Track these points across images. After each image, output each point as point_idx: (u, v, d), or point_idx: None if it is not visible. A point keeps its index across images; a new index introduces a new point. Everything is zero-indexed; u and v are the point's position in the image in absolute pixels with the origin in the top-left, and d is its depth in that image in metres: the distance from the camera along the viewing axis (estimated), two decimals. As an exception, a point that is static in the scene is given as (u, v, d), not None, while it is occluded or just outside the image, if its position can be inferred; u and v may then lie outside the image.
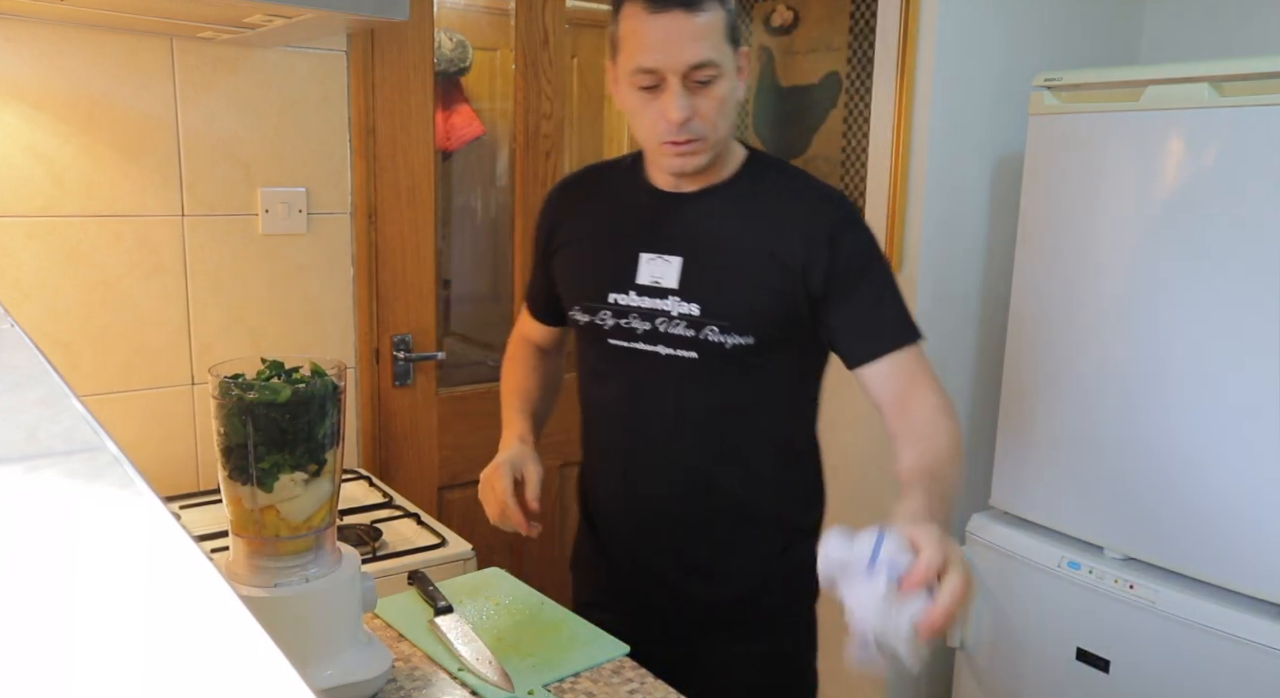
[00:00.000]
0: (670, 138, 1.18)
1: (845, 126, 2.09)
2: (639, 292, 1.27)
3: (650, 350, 1.27)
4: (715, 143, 1.20)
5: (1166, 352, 1.70)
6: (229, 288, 1.83)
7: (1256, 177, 1.57)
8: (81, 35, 1.63)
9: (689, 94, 1.15)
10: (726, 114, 1.19)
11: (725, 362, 1.24)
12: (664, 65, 1.14)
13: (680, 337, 1.25)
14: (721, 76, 1.16)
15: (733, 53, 1.18)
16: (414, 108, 2.02)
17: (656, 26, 1.13)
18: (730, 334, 1.22)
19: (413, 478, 2.13)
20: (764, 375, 1.27)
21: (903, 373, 1.21)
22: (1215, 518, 1.66)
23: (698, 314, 1.23)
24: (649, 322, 1.26)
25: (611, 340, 1.30)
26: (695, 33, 1.13)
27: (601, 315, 1.30)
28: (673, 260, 1.26)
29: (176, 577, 0.30)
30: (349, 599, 1.03)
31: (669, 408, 1.29)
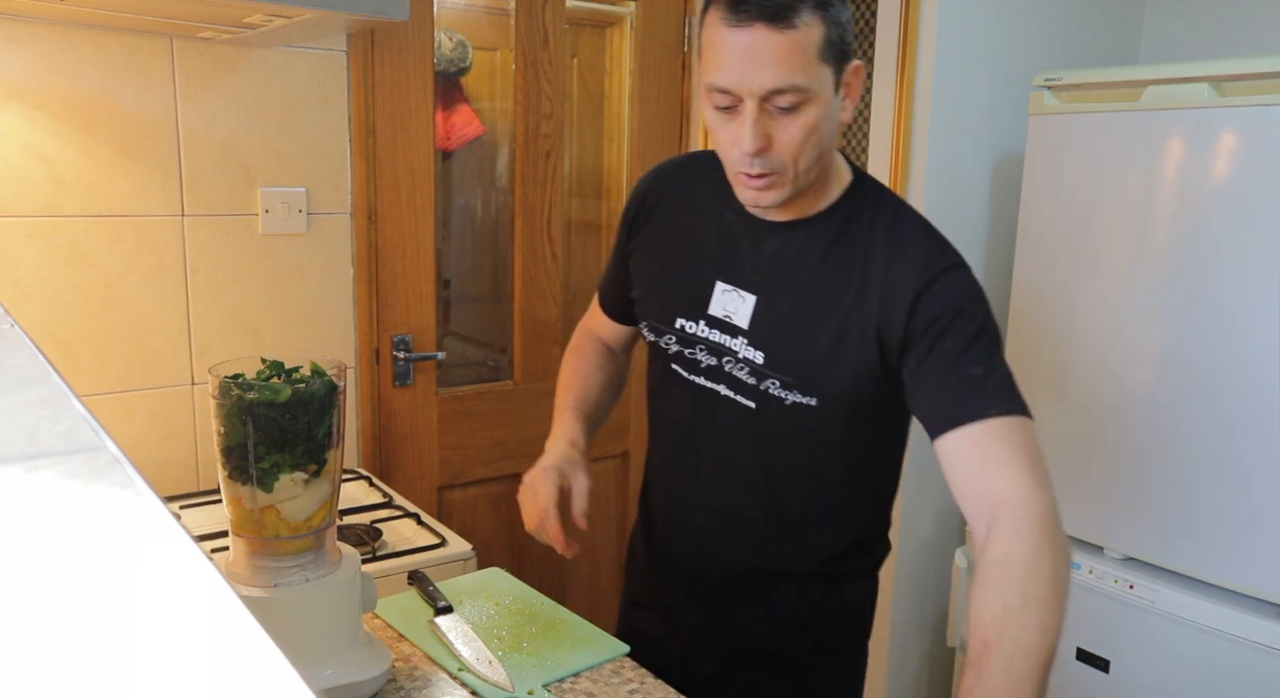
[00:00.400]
0: (743, 169, 1.04)
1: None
2: (709, 324, 1.16)
3: (711, 388, 1.17)
4: (797, 177, 1.04)
5: (1166, 351, 1.70)
6: (229, 288, 1.83)
7: (1256, 176, 1.57)
8: (81, 35, 1.63)
9: (768, 120, 1.00)
10: (814, 145, 1.02)
11: (782, 418, 1.12)
12: (738, 87, 0.99)
13: (742, 382, 1.14)
14: (810, 102, 0.99)
15: (832, 73, 1.00)
16: (414, 108, 2.02)
17: (735, 42, 0.97)
18: (792, 392, 1.10)
19: (413, 478, 2.13)
20: (829, 438, 1.13)
21: (984, 451, 0.99)
22: (1215, 518, 1.66)
23: (761, 363, 1.12)
24: (715, 358, 1.16)
25: (674, 367, 1.21)
26: (780, 52, 0.96)
27: (667, 340, 1.20)
28: (747, 298, 1.13)
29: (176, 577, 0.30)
30: (349, 599, 1.03)
31: (720, 450, 1.19)
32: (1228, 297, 1.62)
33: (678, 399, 1.22)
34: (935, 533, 2.18)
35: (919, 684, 2.25)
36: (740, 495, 1.20)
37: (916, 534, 2.15)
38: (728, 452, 1.19)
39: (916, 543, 2.15)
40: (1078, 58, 2.15)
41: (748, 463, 1.18)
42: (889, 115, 2.01)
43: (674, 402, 1.24)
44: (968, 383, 1.02)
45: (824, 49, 0.98)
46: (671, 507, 1.30)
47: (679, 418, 1.24)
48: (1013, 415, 1.00)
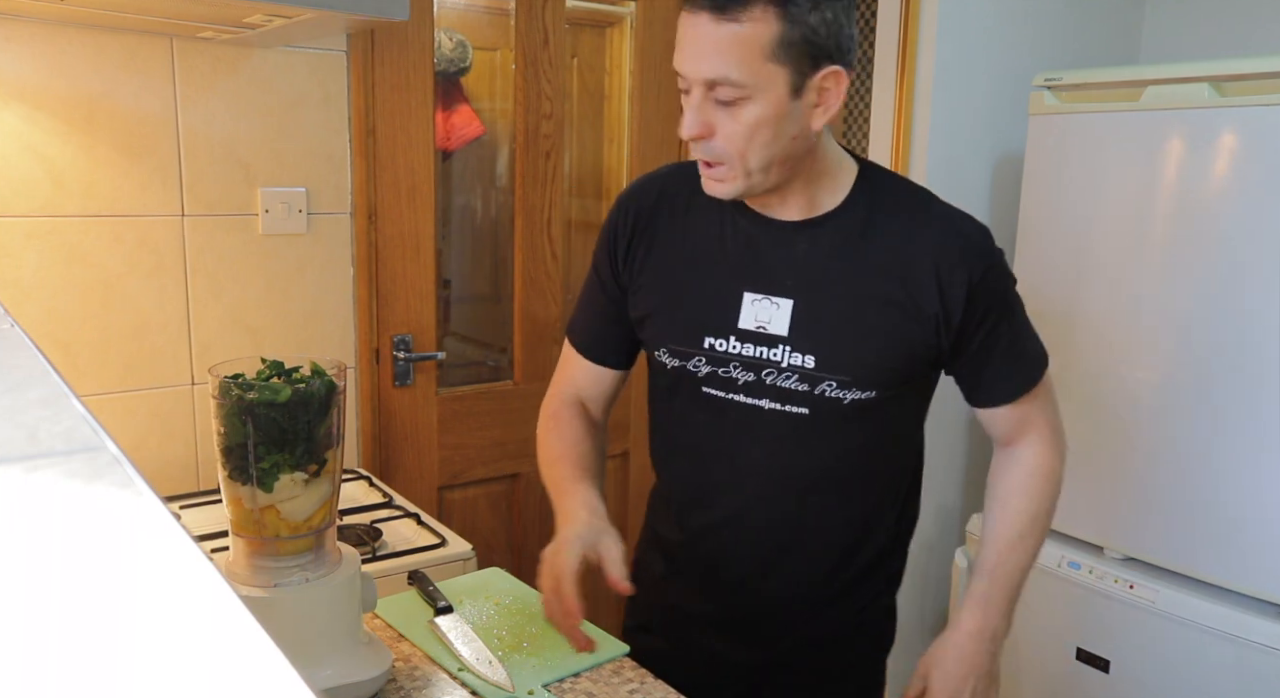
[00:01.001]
0: (692, 153, 1.03)
1: (845, 126, 2.09)
2: (740, 338, 1.11)
3: (752, 404, 1.12)
4: (749, 173, 1.02)
5: (1166, 351, 1.70)
6: (229, 288, 1.83)
7: (1256, 176, 1.57)
8: (81, 35, 1.63)
9: (712, 109, 0.99)
10: (764, 144, 0.99)
11: (839, 417, 1.10)
12: (684, 72, 0.99)
13: (791, 391, 1.10)
14: (751, 100, 0.97)
15: (788, 73, 0.97)
16: (414, 108, 2.02)
17: (686, 27, 0.98)
18: (850, 389, 1.08)
19: (413, 478, 2.13)
20: (878, 427, 1.15)
21: (1021, 413, 1.18)
22: (1215, 518, 1.66)
23: (813, 368, 1.08)
24: (753, 373, 1.10)
25: (706, 389, 1.14)
26: (719, 43, 0.95)
27: (696, 362, 1.13)
28: (782, 304, 1.09)
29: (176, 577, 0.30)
30: (349, 599, 1.03)
31: (767, 463, 1.15)
32: (1228, 296, 1.62)
33: (711, 422, 1.15)
34: (935, 533, 2.18)
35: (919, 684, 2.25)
36: (786, 508, 1.17)
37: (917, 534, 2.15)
38: (777, 464, 1.14)
39: (916, 543, 2.14)
40: (1078, 58, 2.15)
41: (798, 472, 1.15)
42: (889, 115, 2.01)
43: (706, 426, 1.16)
44: (1013, 364, 1.15)
45: (777, 47, 0.95)
46: (706, 533, 1.22)
47: (714, 443, 1.16)
48: (1041, 379, 1.17)
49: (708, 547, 1.22)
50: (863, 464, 1.17)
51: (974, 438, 2.18)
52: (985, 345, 1.12)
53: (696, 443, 1.19)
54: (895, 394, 1.12)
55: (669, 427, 1.23)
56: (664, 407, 1.23)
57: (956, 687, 1.15)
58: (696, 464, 1.20)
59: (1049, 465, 1.19)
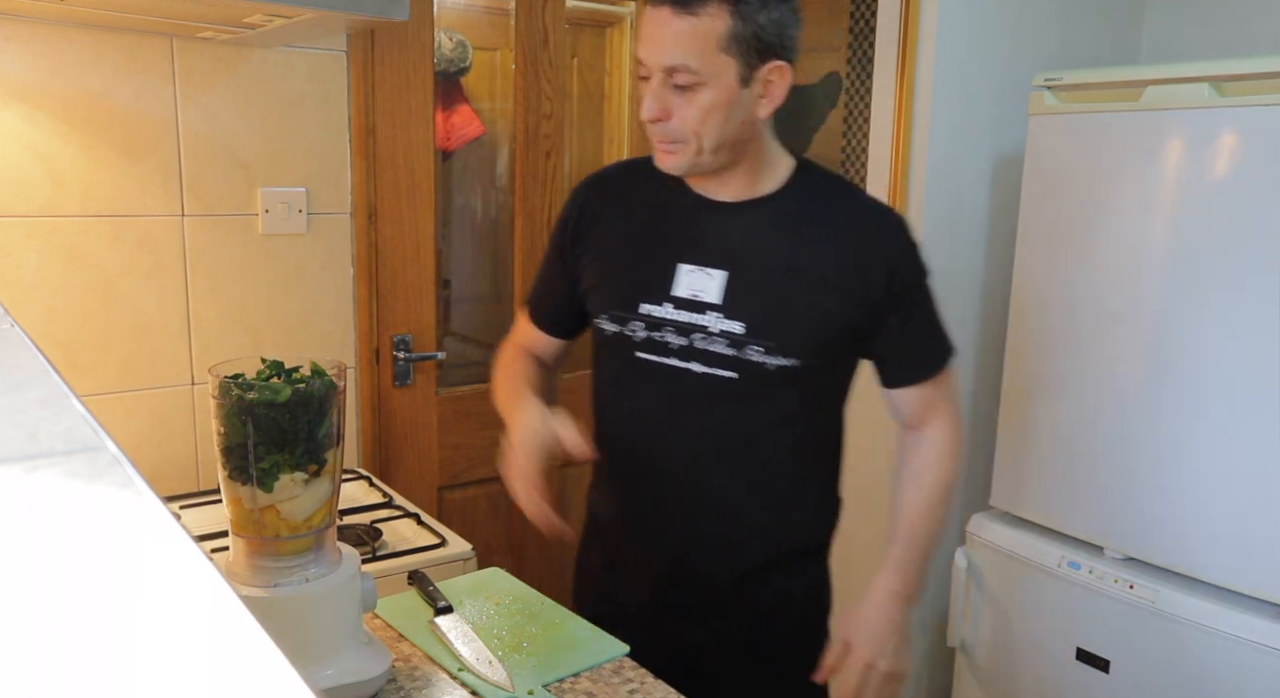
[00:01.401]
0: (650, 133, 1.16)
1: (845, 126, 2.09)
2: (675, 305, 1.20)
3: (682, 367, 1.20)
4: (701, 152, 1.14)
5: (1166, 351, 1.70)
6: (229, 288, 1.83)
7: (1256, 176, 1.57)
8: (81, 35, 1.63)
9: (669, 94, 1.11)
10: (716, 126, 1.12)
11: (764, 383, 1.18)
12: (647, 59, 1.12)
13: (719, 355, 1.18)
14: (706, 86, 1.09)
15: (738, 65, 1.09)
16: (414, 108, 2.02)
17: (650, 18, 1.11)
18: (775, 356, 1.17)
19: (413, 478, 2.13)
20: (801, 398, 1.23)
21: (928, 396, 1.27)
22: (1215, 518, 1.66)
23: (741, 333, 1.17)
24: (685, 337, 1.19)
25: (640, 354, 1.22)
26: (678, 35, 1.08)
27: (632, 326, 1.22)
28: (715, 274, 1.19)
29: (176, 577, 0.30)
30: (349, 599, 1.03)
31: (698, 427, 1.22)
32: (1228, 297, 1.62)
33: (646, 388, 1.24)
34: (935, 533, 2.18)
35: (919, 684, 2.25)
36: (719, 473, 1.24)
37: (916, 534, 2.15)
38: (706, 428, 1.22)
39: (916, 543, 2.15)
40: (1078, 58, 2.15)
41: (727, 436, 1.22)
42: (889, 115, 2.01)
43: (641, 392, 1.25)
44: (925, 347, 1.26)
45: (728, 41, 1.08)
46: (638, 505, 1.30)
47: (652, 408, 1.25)
48: (948, 366, 1.28)
49: (643, 521, 1.30)
50: (787, 434, 1.24)
51: (973, 441, 2.18)
52: (901, 328, 1.22)
53: (633, 410, 1.28)
54: (818, 366, 1.20)
55: (608, 398, 1.32)
56: (604, 379, 1.32)
57: (879, 644, 1.22)
58: (632, 432, 1.28)
59: (955, 448, 1.29)
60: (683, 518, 1.26)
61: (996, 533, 1.97)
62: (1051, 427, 1.90)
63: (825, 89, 2.13)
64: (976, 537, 2.00)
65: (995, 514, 2.03)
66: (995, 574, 1.97)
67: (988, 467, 2.07)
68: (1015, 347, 1.97)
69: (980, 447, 2.17)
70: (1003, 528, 1.97)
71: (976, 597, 2.02)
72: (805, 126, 2.16)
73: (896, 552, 1.26)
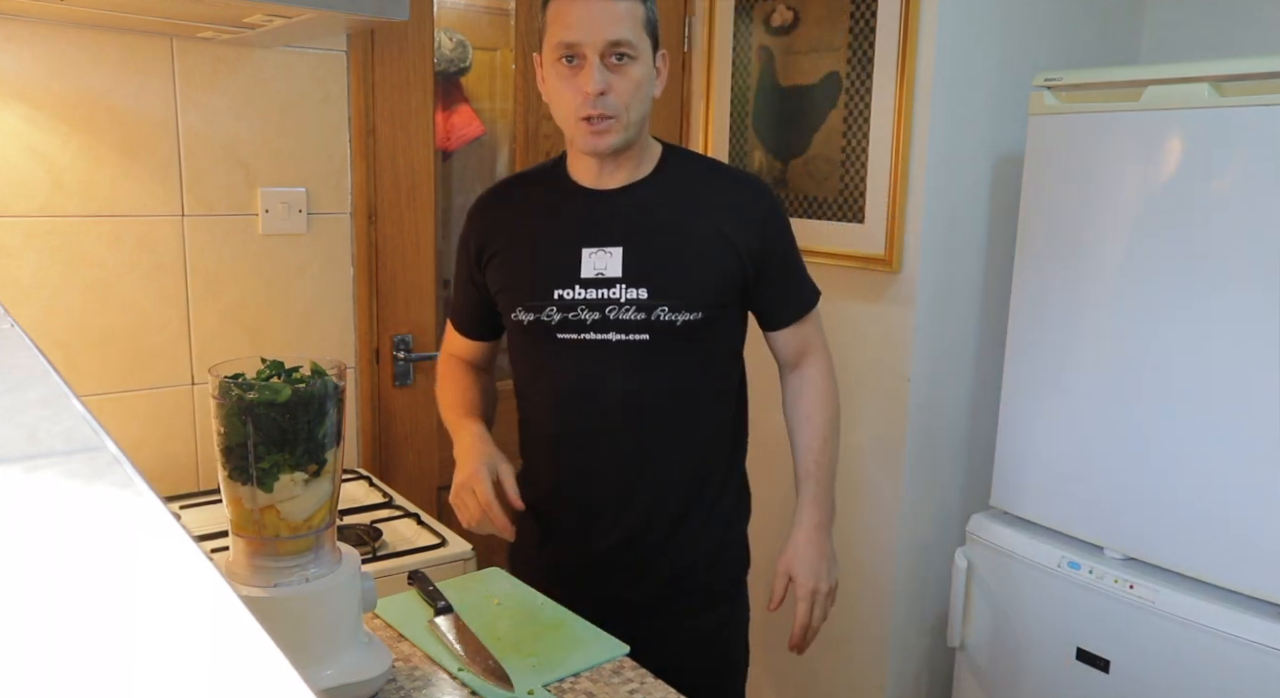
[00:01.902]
0: (585, 112, 1.26)
1: (845, 126, 2.09)
2: (583, 285, 1.33)
3: (600, 339, 1.33)
4: (629, 125, 1.28)
5: (1166, 351, 1.70)
6: (229, 288, 1.83)
7: (1256, 176, 1.57)
8: (81, 35, 1.63)
9: (606, 71, 1.25)
10: (641, 98, 1.28)
11: (675, 340, 1.32)
12: (584, 39, 1.23)
13: (630, 321, 1.32)
14: (637, 61, 1.26)
15: (650, 47, 1.28)
16: (414, 108, 2.02)
17: (579, 6, 1.24)
18: (681, 312, 1.31)
19: (413, 478, 2.13)
20: (708, 348, 1.38)
21: (804, 335, 1.46)
22: (1215, 518, 1.66)
23: (646, 297, 1.31)
24: (598, 311, 1.32)
25: (560, 335, 1.34)
26: (614, 14, 1.23)
27: (548, 312, 1.34)
28: (614, 251, 1.33)
29: (176, 577, 0.30)
30: (349, 599, 1.03)
31: (621, 390, 1.35)
32: (1228, 297, 1.62)
33: (568, 366, 1.36)
34: (935, 533, 2.18)
35: (919, 684, 2.25)
36: (643, 434, 1.37)
37: (916, 535, 2.15)
38: (629, 390, 1.35)
39: (916, 543, 2.15)
40: (1078, 58, 2.15)
41: (648, 396, 1.36)
42: (889, 115, 2.00)
43: (564, 370, 1.37)
44: (796, 288, 1.45)
45: (645, 24, 1.28)
46: (572, 475, 1.42)
47: (576, 381, 1.37)
48: (817, 306, 1.48)
49: (580, 487, 1.42)
50: (698, 386, 1.39)
51: (973, 441, 2.18)
52: (777, 275, 1.40)
53: (559, 388, 1.39)
54: (716, 316, 1.35)
55: (530, 384, 1.44)
56: (524, 368, 1.45)
57: (817, 571, 1.42)
58: (561, 409, 1.40)
59: (832, 385, 1.49)
60: (613, 479, 1.39)
61: (996, 533, 1.97)
62: (1051, 427, 1.90)
63: (825, 89, 2.13)
64: (976, 537, 2.00)
65: (995, 514, 2.03)
66: (995, 574, 1.97)
67: (988, 467, 2.07)
68: (1015, 346, 1.97)
69: (980, 447, 2.17)
70: (1002, 528, 1.97)
71: (976, 597, 2.02)
72: (805, 126, 2.16)
73: (810, 489, 1.44)
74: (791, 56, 2.18)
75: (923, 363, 2.06)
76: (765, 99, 2.23)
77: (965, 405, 2.18)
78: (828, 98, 2.13)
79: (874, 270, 2.07)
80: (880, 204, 2.04)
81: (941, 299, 2.08)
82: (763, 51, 2.24)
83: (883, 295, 2.08)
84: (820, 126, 2.14)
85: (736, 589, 1.51)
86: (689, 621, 1.44)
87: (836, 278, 2.10)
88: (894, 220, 2.01)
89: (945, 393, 2.13)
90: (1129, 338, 1.76)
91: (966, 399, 2.18)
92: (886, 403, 2.10)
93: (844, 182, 2.12)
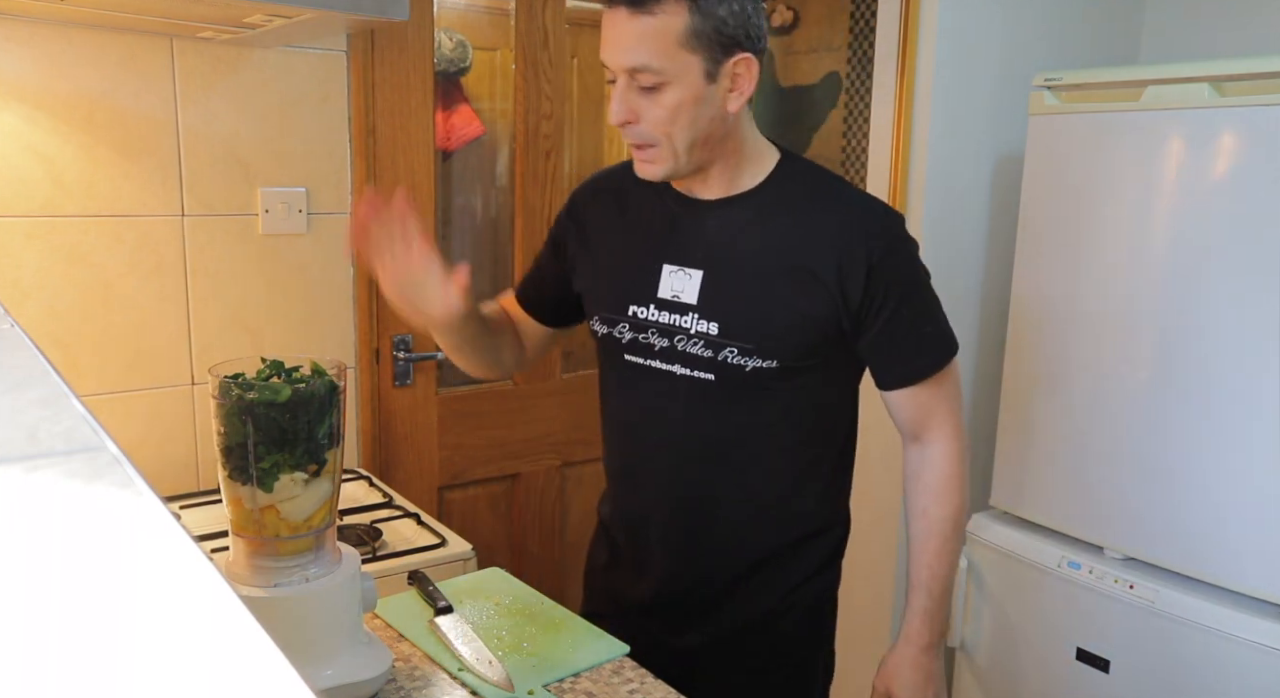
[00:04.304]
0: (626, 139, 1.14)
1: (845, 126, 2.09)
2: (659, 306, 1.20)
3: (666, 369, 1.20)
4: (676, 155, 1.12)
5: (1166, 351, 1.70)
6: (229, 288, 1.83)
7: (1256, 176, 1.57)
8: (81, 35, 1.63)
9: (636, 96, 1.09)
10: (686, 126, 1.09)
11: (744, 386, 1.17)
12: (608, 63, 1.10)
13: (697, 357, 1.18)
14: (671, 85, 1.07)
15: (701, 61, 1.06)
16: (414, 108, 2.02)
17: (607, 20, 1.09)
18: (751, 358, 1.15)
19: (413, 478, 2.13)
20: (788, 400, 1.20)
21: (924, 400, 1.22)
22: (1215, 518, 1.66)
23: (716, 334, 1.16)
24: (667, 339, 1.19)
25: (628, 357, 1.23)
26: (636, 35, 1.05)
27: (620, 329, 1.23)
28: (694, 274, 1.18)
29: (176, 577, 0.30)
30: (349, 599, 1.03)
31: (682, 429, 1.22)
32: (1227, 297, 1.62)
33: (634, 390, 1.25)
34: (935, 533, 2.18)
35: (919, 684, 2.25)
36: (705, 476, 1.23)
37: (916, 534, 2.15)
38: (690, 433, 1.22)
39: (916, 543, 2.15)
40: (1078, 58, 2.15)
41: (712, 439, 1.22)
42: (889, 115, 2.01)
43: (631, 395, 1.27)
44: (917, 344, 1.20)
45: (688, 37, 1.05)
46: (630, 505, 1.32)
47: (638, 410, 1.26)
48: (948, 364, 1.22)
49: (637, 521, 1.30)
50: (773, 437, 1.22)
51: (973, 441, 2.18)
52: (888, 328, 1.17)
53: (623, 412, 1.29)
54: (800, 367, 1.17)
55: (605, 401, 1.33)
56: (603, 379, 1.33)
57: (921, 695, 1.26)
58: (624, 435, 1.30)
59: (957, 468, 1.25)
60: (670, 520, 1.27)
61: (996, 533, 1.97)
62: (1051, 427, 1.90)
63: (825, 89, 2.13)
64: (976, 537, 2.00)
65: (995, 514, 2.03)
66: (995, 574, 1.97)
67: (988, 467, 2.07)
68: (1015, 347, 1.97)
69: (980, 447, 2.17)
70: (1003, 528, 1.97)
71: (976, 597, 2.02)
72: (805, 126, 2.16)
73: (920, 602, 1.25)
74: (791, 56, 2.18)
75: (923, 363, 2.06)
76: (765, 99, 2.23)
77: (965, 405, 2.17)
78: (828, 98, 2.13)
79: (874, 270, 2.07)
80: (880, 204, 2.04)
81: (941, 299, 2.08)
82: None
83: (883, 295, 2.08)
84: (820, 127, 2.14)
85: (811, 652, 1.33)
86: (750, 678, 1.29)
87: (836, 278, 2.10)
88: (894, 220, 2.01)
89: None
90: (1129, 338, 1.76)
91: (967, 399, 2.18)
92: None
93: (844, 182, 2.12)
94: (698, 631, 1.29)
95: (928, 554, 1.25)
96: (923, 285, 1.21)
